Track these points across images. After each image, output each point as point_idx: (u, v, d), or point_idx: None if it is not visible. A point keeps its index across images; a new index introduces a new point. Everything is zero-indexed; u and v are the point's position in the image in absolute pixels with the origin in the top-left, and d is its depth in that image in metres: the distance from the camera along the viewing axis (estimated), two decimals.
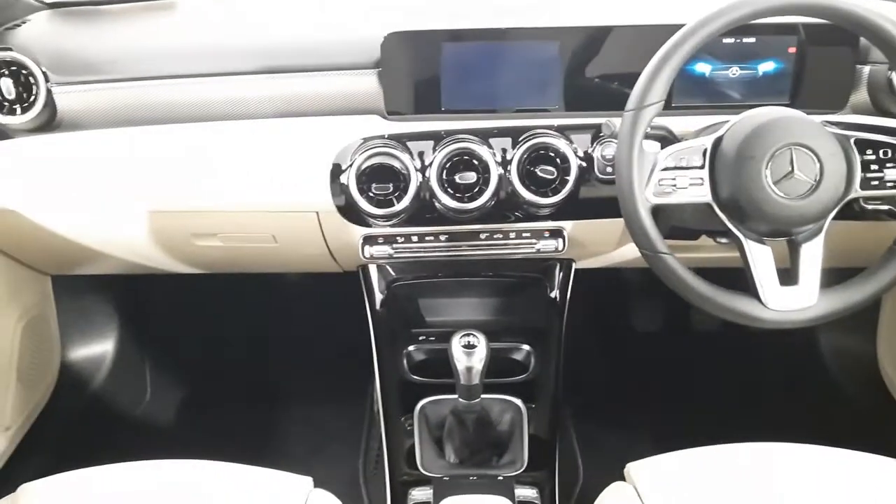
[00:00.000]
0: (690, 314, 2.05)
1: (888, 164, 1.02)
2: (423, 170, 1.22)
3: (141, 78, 1.27)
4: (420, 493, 1.34)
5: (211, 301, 2.03)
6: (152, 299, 2.01)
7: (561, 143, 1.21)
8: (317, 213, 1.29)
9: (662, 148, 1.05)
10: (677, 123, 1.23)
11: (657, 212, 1.24)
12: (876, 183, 1.02)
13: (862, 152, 1.02)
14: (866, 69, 1.27)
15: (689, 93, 1.25)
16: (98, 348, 1.96)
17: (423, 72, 1.25)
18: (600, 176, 1.21)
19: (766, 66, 1.24)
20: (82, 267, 1.61)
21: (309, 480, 1.15)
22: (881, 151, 1.02)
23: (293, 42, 1.29)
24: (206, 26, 1.34)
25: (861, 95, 1.29)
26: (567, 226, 1.33)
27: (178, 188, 1.28)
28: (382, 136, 1.24)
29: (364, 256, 1.32)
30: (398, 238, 1.32)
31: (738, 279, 1.06)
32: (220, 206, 1.30)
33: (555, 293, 1.46)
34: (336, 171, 1.23)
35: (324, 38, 1.30)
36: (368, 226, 1.29)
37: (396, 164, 1.21)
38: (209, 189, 1.28)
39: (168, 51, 1.29)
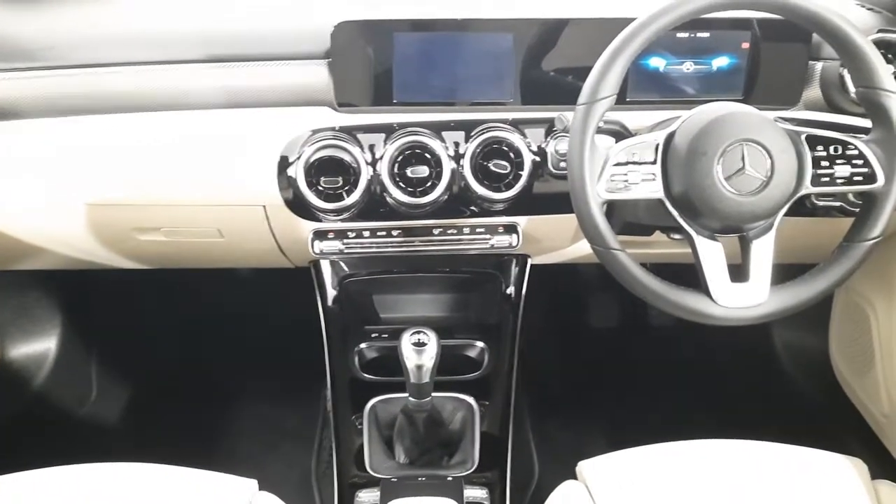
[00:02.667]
0: (647, 311, 2.06)
1: (838, 161, 1.01)
2: (373, 163, 1.20)
3: (80, 66, 1.22)
4: (367, 496, 1.31)
5: (158, 297, 1.97)
6: (98, 295, 1.95)
7: (514, 138, 1.19)
8: (264, 206, 1.26)
9: (616, 143, 1.04)
10: (632, 118, 1.22)
11: (611, 207, 1.24)
12: (826, 179, 1.02)
13: (813, 148, 1.02)
14: (819, 65, 1.28)
15: (644, 88, 1.24)
16: (40, 346, 1.90)
17: (374, 63, 1.22)
18: (554, 171, 1.19)
19: (720, 62, 1.23)
20: (21, 262, 1.56)
21: (254, 483, 1.12)
22: (831, 148, 1.02)
23: (240, 30, 1.26)
24: (150, 12, 1.30)
25: (814, 92, 1.29)
26: (521, 221, 1.31)
27: (117, 180, 1.24)
28: (332, 129, 1.21)
29: (314, 252, 1.29)
30: (349, 233, 1.30)
31: (694, 275, 1.05)
32: (162, 200, 1.26)
33: (510, 289, 1.44)
34: (283, 163, 1.20)
35: (272, 26, 1.27)
36: (318, 220, 1.26)
37: (346, 157, 1.18)
38: (150, 181, 1.24)
39: (109, 38, 1.25)
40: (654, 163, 1.01)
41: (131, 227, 1.33)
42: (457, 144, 1.21)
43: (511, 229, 1.31)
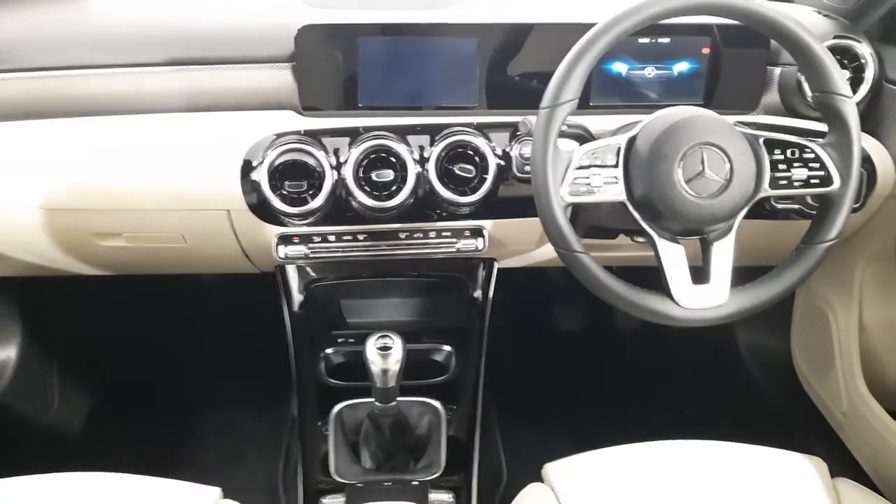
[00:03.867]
0: (612, 313, 2.07)
1: (795, 164, 1.03)
2: (338, 167, 1.19)
3: (40, 68, 1.21)
4: (332, 502, 1.30)
5: (121, 304, 1.94)
6: (59, 302, 1.91)
7: (479, 141, 1.20)
8: (227, 211, 1.24)
9: (580, 146, 1.05)
10: (595, 122, 1.23)
11: (576, 211, 1.25)
12: (784, 182, 1.03)
13: (771, 152, 1.03)
14: (777, 70, 1.30)
15: (607, 92, 1.26)
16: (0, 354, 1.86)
17: (339, 67, 1.22)
18: (518, 174, 1.20)
19: (681, 67, 1.25)
20: None
21: (217, 491, 1.11)
22: (789, 151, 1.03)
23: (203, 33, 1.25)
24: (111, 16, 1.28)
25: (773, 96, 1.32)
26: (487, 225, 1.31)
27: (77, 185, 1.22)
28: (297, 132, 1.20)
29: (279, 257, 1.29)
30: (314, 237, 1.29)
31: (659, 278, 1.06)
32: (123, 205, 1.24)
33: (477, 293, 1.44)
34: (247, 167, 1.19)
35: (235, 29, 1.26)
36: (283, 225, 1.26)
37: (310, 161, 1.17)
38: (111, 186, 1.22)
39: (69, 41, 1.23)
40: (616, 166, 1.02)
41: (91, 233, 1.31)
42: (422, 148, 1.21)
43: (477, 233, 1.31)
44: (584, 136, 1.21)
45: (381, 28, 1.21)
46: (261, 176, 1.17)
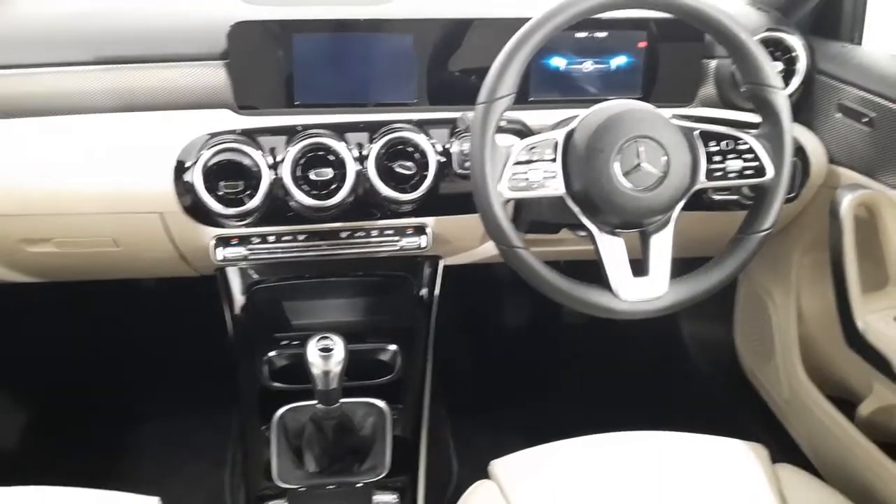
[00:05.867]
0: (558, 309, 2.08)
1: (730, 155, 1.04)
2: (275, 166, 1.17)
3: None
4: None
5: (55, 309, 1.88)
6: None
7: (419, 138, 1.19)
8: (161, 214, 1.21)
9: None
10: (534, 117, 1.23)
11: (518, 206, 1.25)
12: (719, 174, 1.05)
13: (706, 144, 1.04)
14: (713, 63, 1.32)
15: (545, 87, 1.26)
16: None
17: (274, 64, 1.20)
18: (459, 171, 1.19)
19: (619, 61, 1.26)
20: None
21: (156, 500, 1.07)
22: (724, 143, 1.05)
23: (132, 30, 1.21)
24: (37, 14, 1.24)
25: (709, 89, 1.33)
26: (430, 222, 1.31)
27: (1, 189, 1.17)
28: (232, 132, 1.18)
29: (217, 259, 1.26)
30: (253, 238, 1.27)
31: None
32: (51, 209, 1.19)
33: (422, 291, 1.43)
34: (180, 168, 1.16)
35: (166, 26, 1.23)
36: (220, 226, 1.23)
37: (246, 161, 1.15)
38: (39, 190, 1.17)
39: None
40: (554, 161, 1.02)
41: (18, 239, 1.26)
42: (360, 146, 1.20)
43: (420, 230, 1.30)
44: (522, 132, 1.20)
45: (316, 24, 1.19)
46: (195, 177, 1.14)
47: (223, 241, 1.26)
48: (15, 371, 1.91)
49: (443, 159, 1.21)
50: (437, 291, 1.45)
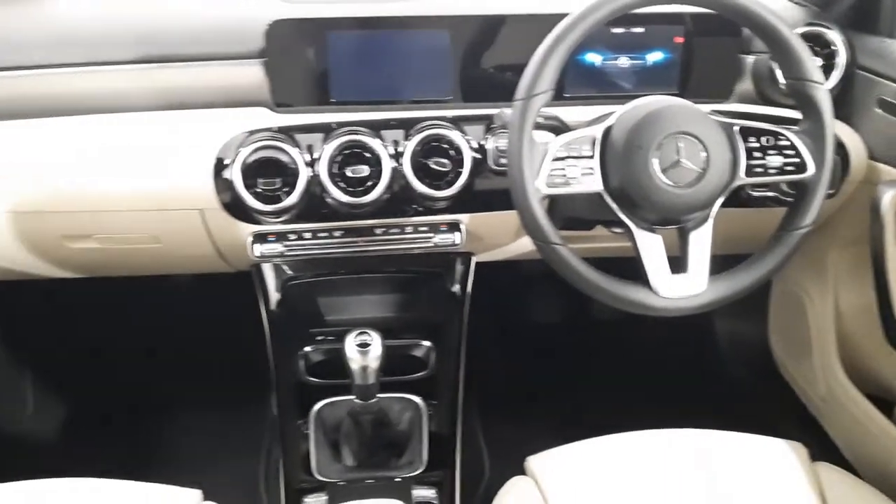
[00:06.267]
0: (591, 305, 2.08)
1: (770, 152, 1.03)
2: (312, 163, 1.18)
3: (7, 68, 1.18)
4: (314, 501, 1.29)
5: (94, 306, 1.91)
6: (29, 306, 1.87)
7: (454, 135, 1.19)
8: (201, 210, 1.23)
9: (555, 138, 1.04)
10: (570, 114, 1.22)
11: (552, 203, 1.24)
12: (760, 170, 1.04)
13: (745, 140, 1.03)
14: (750, 59, 1.31)
15: (582, 83, 1.25)
16: None
17: (310, 62, 1.20)
18: (494, 167, 1.19)
19: (655, 56, 1.25)
20: None
21: (198, 493, 1.09)
22: (763, 139, 1.04)
23: (172, 30, 1.23)
24: (80, 13, 1.26)
25: (746, 84, 1.32)
26: (464, 219, 1.31)
27: (44, 187, 1.19)
28: (269, 129, 1.19)
29: (254, 255, 1.27)
30: (290, 235, 1.27)
31: (637, 269, 1.05)
32: (93, 206, 1.21)
33: (455, 287, 1.44)
34: (219, 166, 1.17)
35: (205, 25, 1.24)
36: (257, 223, 1.24)
37: (284, 158, 1.16)
38: (81, 188, 1.19)
39: (37, 39, 1.21)
40: (592, 157, 1.02)
41: (61, 235, 1.28)
42: (396, 143, 1.20)
43: (454, 227, 1.31)
44: (559, 128, 1.20)
45: (352, 21, 1.20)
46: (234, 174, 1.15)
47: (260, 238, 1.27)
48: (57, 366, 1.96)
49: (478, 156, 1.21)
50: (469, 288, 1.45)
